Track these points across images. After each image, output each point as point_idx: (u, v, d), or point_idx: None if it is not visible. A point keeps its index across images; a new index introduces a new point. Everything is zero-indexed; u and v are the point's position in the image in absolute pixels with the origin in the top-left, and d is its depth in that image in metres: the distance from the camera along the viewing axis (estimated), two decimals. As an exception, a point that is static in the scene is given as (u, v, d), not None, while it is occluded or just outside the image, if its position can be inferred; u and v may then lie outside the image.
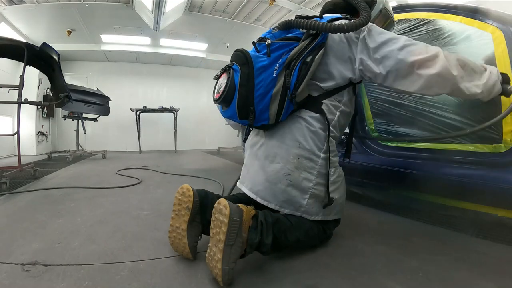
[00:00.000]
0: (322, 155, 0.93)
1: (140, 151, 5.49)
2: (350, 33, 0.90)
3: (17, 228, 1.16)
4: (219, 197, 0.95)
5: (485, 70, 0.92)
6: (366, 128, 1.60)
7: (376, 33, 0.91)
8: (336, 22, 0.88)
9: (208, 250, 0.77)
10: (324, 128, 0.93)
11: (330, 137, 0.93)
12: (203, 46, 5.49)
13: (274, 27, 0.97)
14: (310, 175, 0.92)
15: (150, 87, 6.44)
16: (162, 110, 5.52)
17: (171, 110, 5.51)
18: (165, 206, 1.56)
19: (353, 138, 1.64)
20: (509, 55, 1.07)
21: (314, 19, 0.91)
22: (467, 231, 1.15)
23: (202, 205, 0.90)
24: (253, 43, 0.96)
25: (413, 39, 0.89)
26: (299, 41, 0.90)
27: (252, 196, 0.99)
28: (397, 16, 1.49)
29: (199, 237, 0.91)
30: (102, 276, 0.79)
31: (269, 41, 0.89)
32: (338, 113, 0.97)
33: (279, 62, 0.88)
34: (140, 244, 1.02)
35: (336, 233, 1.11)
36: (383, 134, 1.53)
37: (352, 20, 0.88)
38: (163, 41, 5.26)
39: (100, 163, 3.67)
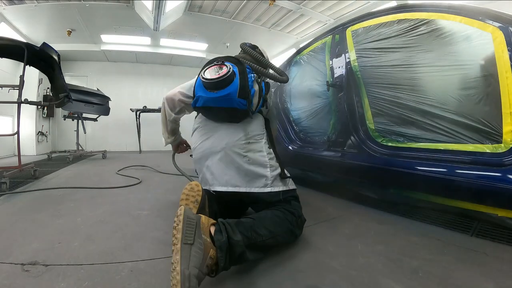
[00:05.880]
0: (264, 137, 1.17)
1: (140, 151, 5.49)
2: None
3: (17, 228, 1.16)
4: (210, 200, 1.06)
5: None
6: (366, 128, 1.60)
7: None
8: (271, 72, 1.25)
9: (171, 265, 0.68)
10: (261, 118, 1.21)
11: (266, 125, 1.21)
12: (203, 46, 5.49)
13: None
14: (262, 152, 1.11)
15: (150, 87, 6.43)
16: (162, 110, 5.51)
17: (171, 110, 5.50)
18: (165, 206, 1.56)
19: (353, 138, 1.65)
20: (509, 55, 1.07)
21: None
22: (467, 231, 1.15)
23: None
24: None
25: (413, 39, 0.87)
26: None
27: (223, 189, 1.07)
28: (397, 16, 1.49)
29: None
30: (102, 276, 0.79)
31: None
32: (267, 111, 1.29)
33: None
34: (140, 244, 1.02)
35: (336, 233, 1.11)
36: (383, 134, 1.53)
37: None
38: (163, 41, 5.25)
39: (100, 163, 3.67)
